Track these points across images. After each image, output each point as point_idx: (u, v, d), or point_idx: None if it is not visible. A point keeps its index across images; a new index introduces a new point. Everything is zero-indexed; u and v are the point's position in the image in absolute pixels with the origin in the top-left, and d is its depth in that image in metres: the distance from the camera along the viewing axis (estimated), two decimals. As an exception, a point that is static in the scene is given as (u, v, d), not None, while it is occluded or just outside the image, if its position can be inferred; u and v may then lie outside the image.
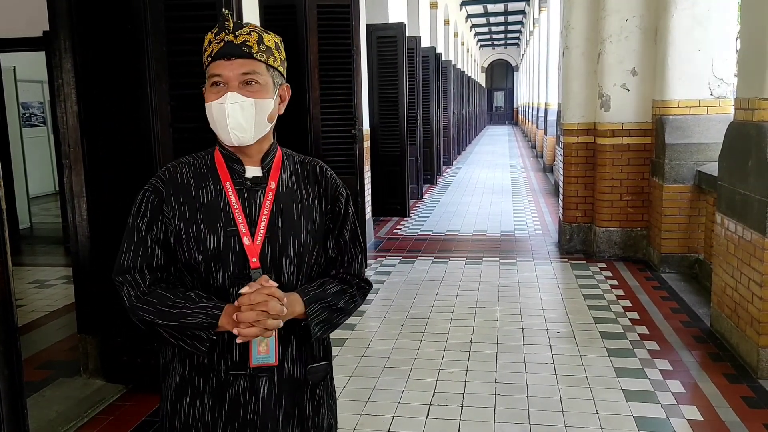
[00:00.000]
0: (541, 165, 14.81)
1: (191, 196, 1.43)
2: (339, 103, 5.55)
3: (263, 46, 1.39)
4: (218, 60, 1.38)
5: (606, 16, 5.84)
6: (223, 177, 1.45)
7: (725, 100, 5.32)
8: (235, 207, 1.42)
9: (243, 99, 1.37)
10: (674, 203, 5.42)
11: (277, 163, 1.48)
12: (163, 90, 3.19)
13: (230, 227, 1.41)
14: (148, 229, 1.42)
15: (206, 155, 1.49)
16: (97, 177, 3.39)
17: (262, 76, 1.39)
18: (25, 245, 7.52)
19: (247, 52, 1.37)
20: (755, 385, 3.37)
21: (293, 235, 1.44)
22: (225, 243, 1.41)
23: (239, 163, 1.45)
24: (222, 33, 1.38)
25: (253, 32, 1.39)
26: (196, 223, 1.41)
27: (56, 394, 3.43)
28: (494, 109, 44.43)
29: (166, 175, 1.45)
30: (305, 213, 1.47)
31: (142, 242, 1.41)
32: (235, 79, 1.37)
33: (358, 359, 3.82)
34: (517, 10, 26.69)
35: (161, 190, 1.43)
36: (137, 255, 1.41)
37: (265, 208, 1.43)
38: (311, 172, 1.51)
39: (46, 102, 10.85)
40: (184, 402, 1.44)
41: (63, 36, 3.31)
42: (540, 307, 4.75)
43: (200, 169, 1.46)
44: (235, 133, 1.38)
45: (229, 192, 1.43)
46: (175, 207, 1.42)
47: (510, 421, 3.05)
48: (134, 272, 1.41)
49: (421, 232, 7.70)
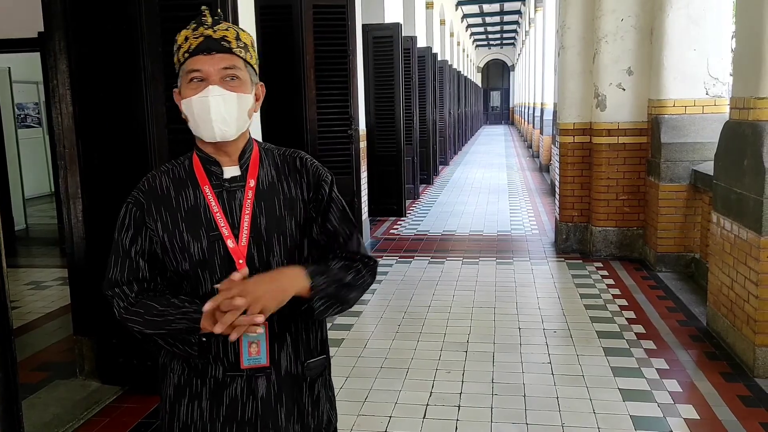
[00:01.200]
0: (538, 165, 14.83)
1: (171, 204, 1.41)
2: (335, 103, 5.55)
3: (241, 42, 1.38)
4: (197, 55, 1.36)
5: (601, 15, 5.85)
6: (201, 181, 1.43)
7: (721, 100, 5.33)
8: (216, 210, 1.40)
9: (225, 92, 1.35)
10: (670, 202, 5.43)
11: (255, 160, 1.46)
12: (158, 91, 3.18)
13: (213, 231, 1.39)
14: (132, 243, 1.41)
15: (185, 160, 1.47)
16: (93, 178, 3.38)
17: (241, 71, 1.38)
18: (20, 246, 7.49)
19: (226, 47, 1.36)
20: (751, 383, 3.38)
21: (278, 231, 1.42)
22: (209, 248, 1.39)
23: (216, 164, 1.43)
24: (201, 28, 1.36)
25: (230, 28, 1.38)
26: (179, 231, 1.40)
27: (52, 396, 3.41)
28: (490, 109, 44.46)
29: (146, 186, 1.44)
30: (288, 206, 1.44)
31: (127, 256, 1.41)
32: (215, 74, 1.35)
33: (355, 359, 3.82)
34: (513, 10, 26.71)
35: (142, 201, 1.42)
36: (124, 269, 1.41)
37: (246, 207, 1.41)
38: (291, 164, 1.48)
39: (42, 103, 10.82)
40: (183, 403, 1.44)
41: (58, 37, 3.30)
42: (537, 306, 4.76)
43: (179, 176, 1.45)
44: (219, 126, 1.36)
45: (208, 196, 1.41)
46: (157, 218, 1.41)
47: (507, 421, 3.05)
48: (122, 285, 1.41)
49: (418, 232, 7.70)
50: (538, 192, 10.84)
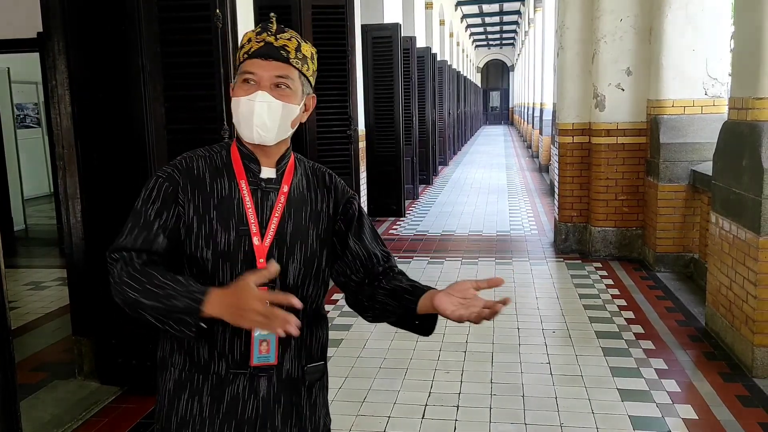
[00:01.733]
0: (537, 165, 14.83)
1: (206, 189, 1.42)
2: (334, 103, 5.55)
3: (300, 53, 1.41)
4: (255, 58, 1.38)
5: (600, 16, 5.85)
6: (238, 174, 1.45)
7: (719, 100, 5.33)
8: (249, 206, 1.42)
9: (272, 100, 1.38)
10: (669, 203, 5.43)
11: (291, 167, 1.50)
12: (157, 91, 3.18)
13: (242, 226, 1.41)
14: (157, 215, 1.39)
15: (222, 150, 1.49)
16: (92, 178, 3.38)
17: (294, 81, 1.40)
18: (19, 247, 7.49)
19: (284, 56, 1.38)
20: (750, 383, 3.38)
21: (301, 239, 1.45)
22: (236, 241, 1.40)
23: (256, 162, 1.45)
24: (264, 33, 1.39)
25: (293, 38, 1.41)
26: (209, 218, 1.40)
27: (51, 396, 3.41)
28: (490, 109, 44.47)
29: (183, 165, 1.44)
30: (313, 218, 1.48)
31: (147, 227, 1.38)
32: (267, 80, 1.38)
33: (353, 360, 3.82)
34: (513, 11, 26.73)
35: (177, 179, 1.41)
36: (138, 238, 1.37)
37: (277, 210, 1.44)
38: (320, 178, 1.54)
39: (41, 103, 10.81)
40: (182, 398, 1.44)
41: (57, 37, 3.30)
42: (536, 306, 4.76)
43: (216, 164, 1.46)
44: (259, 131, 1.39)
45: (244, 191, 1.43)
46: (191, 198, 1.41)
47: (506, 422, 3.05)
48: (130, 251, 1.37)
49: (417, 232, 7.70)
50: (538, 192, 10.85)
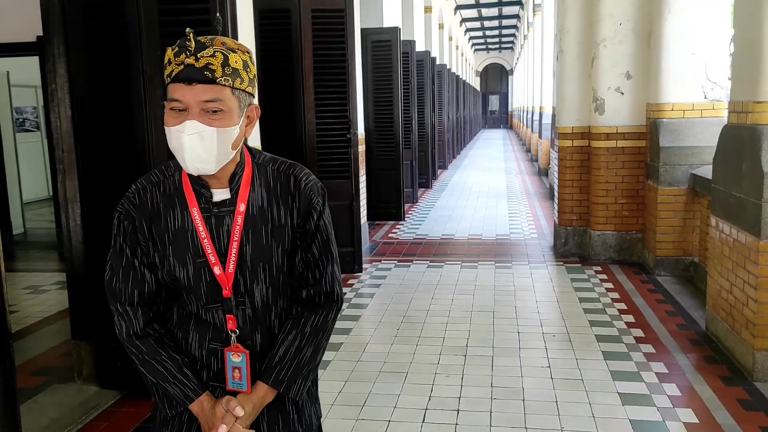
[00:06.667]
0: (536, 168, 14.83)
1: (161, 224, 1.38)
2: (334, 107, 5.55)
3: (228, 68, 1.26)
4: (177, 83, 1.26)
5: (600, 20, 5.86)
6: (190, 202, 1.37)
7: (719, 104, 5.34)
8: (203, 236, 1.36)
9: (204, 128, 1.26)
10: (669, 206, 5.43)
11: (247, 181, 1.39)
12: (157, 95, 3.18)
13: (199, 258, 1.37)
14: (133, 254, 1.40)
15: (175, 172, 1.41)
16: (91, 182, 3.38)
17: (226, 102, 1.27)
18: (18, 250, 7.48)
19: (209, 77, 1.25)
20: (751, 387, 3.38)
21: (263, 260, 1.39)
22: (195, 275, 1.37)
23: (206, 187, 1.38)
24: (182, 54, 1.25)
25: (217, 53, 1.25)
26: (166, 254, 1.38)
27: (50, 400, 3.40)
28: (489, 113, 44.55)
29: (136, 200, 1.40)
30: (276, 234, 1.39)
31: (131, 266, 1.40)
32: (195, 106, 1.25)
33: (353, 363, 3.81)
34: (512, 14, 26.78)
35: (133, 216, 1.39)
36: (127, 279, 1.40)
37: (235, 234, 1.36)
38: (285, 184, 1.41)
39: (40, 107, 10.82)
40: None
41: (56, 41, 3.30)
42: (536, 310, 4.75)
43: (168, 191, 1.40)
44: (195, 164, 1.29)
45: (197, 219, 1.36)
46: (148, 237, 1.39)
47: (506, 425, 3.04)
48: (126, 303, 1.41)
49: (417, 236, 7.70)
50: (537, 196, 10.85)
